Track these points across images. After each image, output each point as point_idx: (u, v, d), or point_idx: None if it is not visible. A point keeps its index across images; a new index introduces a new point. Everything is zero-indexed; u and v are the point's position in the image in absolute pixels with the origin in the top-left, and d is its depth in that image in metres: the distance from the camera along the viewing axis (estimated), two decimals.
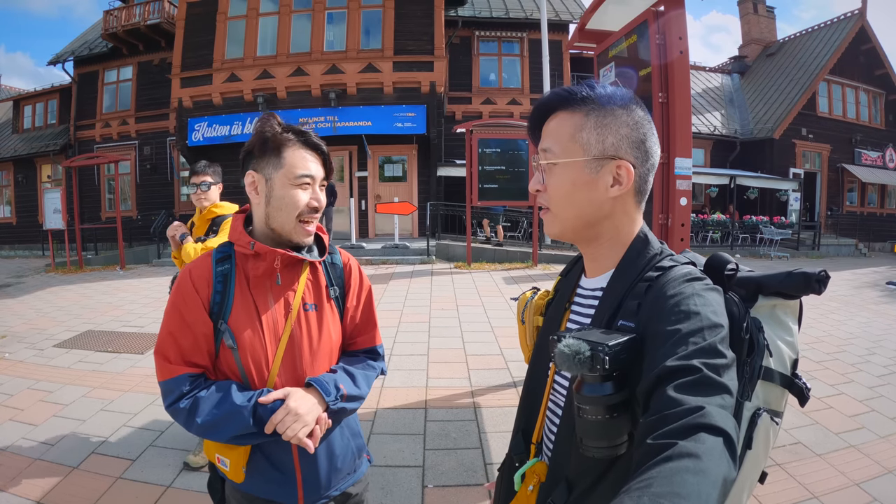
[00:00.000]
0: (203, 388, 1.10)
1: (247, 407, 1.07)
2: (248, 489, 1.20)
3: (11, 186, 18.52)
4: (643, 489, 0.51)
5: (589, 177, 0.82)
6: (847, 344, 5.24)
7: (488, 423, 3.29)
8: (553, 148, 0.84)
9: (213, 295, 1.15)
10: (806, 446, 3.01)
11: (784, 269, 0.85)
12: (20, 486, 2.59)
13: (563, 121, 0.85)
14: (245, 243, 1.16)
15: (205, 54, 13.45)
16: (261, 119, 1.18)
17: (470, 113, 14.58)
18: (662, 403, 0.61)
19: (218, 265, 1.17)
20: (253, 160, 1.19)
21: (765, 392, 0.79)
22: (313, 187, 1.18)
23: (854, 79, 18.02)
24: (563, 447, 0.83)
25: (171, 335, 1.13)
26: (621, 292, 0.81)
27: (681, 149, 2.70)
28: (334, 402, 1.16)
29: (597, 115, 0.82)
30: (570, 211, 0.85)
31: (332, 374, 1.22)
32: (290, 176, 1.15)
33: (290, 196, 1.15)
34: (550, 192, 0.86)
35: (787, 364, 0.82)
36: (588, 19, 3.59)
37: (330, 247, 1.31)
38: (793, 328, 0.85)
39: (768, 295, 0.83)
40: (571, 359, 0.67)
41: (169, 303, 1.17)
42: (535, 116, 0.90)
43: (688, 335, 0.67)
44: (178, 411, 1.09)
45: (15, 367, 4.53)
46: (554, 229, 0.89)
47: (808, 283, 0.80)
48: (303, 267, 1.24)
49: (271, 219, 1.17)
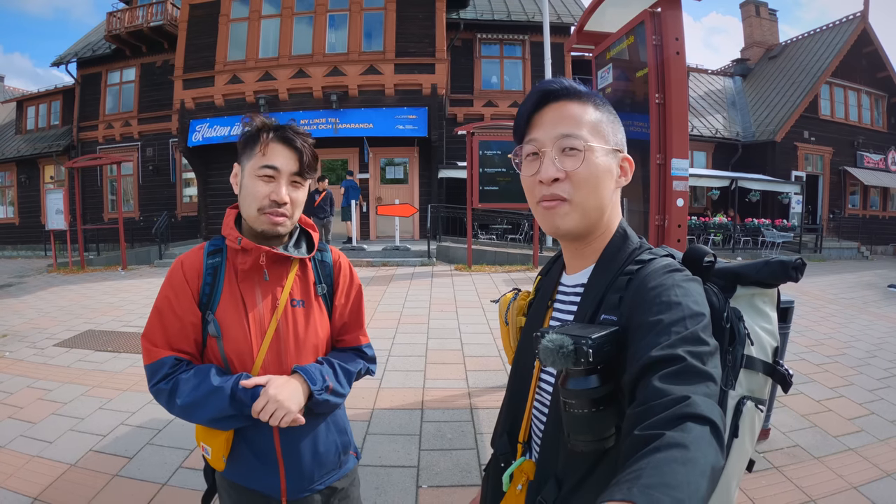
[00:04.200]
0: (184, 371, 1.13)
1: (224, 388, 1.09)
2: (233, 477, 1.22)
3: (14, 187, 18.62)
4: (632, 480, 0.50)
5: (611, 166, 0.84)
6: (848, 347, 5.22)
7: (484, 424, 3.29)
8: (583, 134, 0.81)
9: (203, 286, 1.17)
10: (804, 449, 3.00)
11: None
12: (18, 483, 2.60)
13: (580, 110, 0.83)
14: (233, 238, 1.18)
15: (207, 56, 13.51)
16: (245, 117, 1.21)
17: (471, 115, 14.60)
18: (648, 394, 0.61)
19: (209, 258, 1.20)
20: (239, 155, 1.22)
21: (748, 380, 0.79)
22: (278, 181, 1.16)
23: (856, 81, 18.00)
24: (550, 444, 0.83)
25: (158, 321, 1.15)
26: (603, 287, 0.82)
27: (677, 150, 2.69)
28: (319, 393, 1.17)
29: (605, 109, 0.86)
30: (595, 200, 0.83)
31: (319, 365, 1.23)
32: (255, 167, 1.16)
33: (252, 186, 1.16)
34: (578, 180, 0.81)
35: (768, 352, 0.83)
36: (586, 21, 3.60)
37: (320, 244, 1.32)
38: (772, 316, 0.86)
39: (746, 284, 0.84)
40: (555, 353, 0.67)
41: (160, 292, 1.19)
42: (535, 102, 0.87)
43: (670, 325, 0.67)
44: (160, 391, 1.11)
45: (15, 366, 4.54)
46: (570, 221, 0.82)
47: (784, 271, 0.81)
48: (291, 263, 1.25)
49: (242, 209, 1.21)
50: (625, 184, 0.87)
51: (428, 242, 11.10)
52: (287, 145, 1.17)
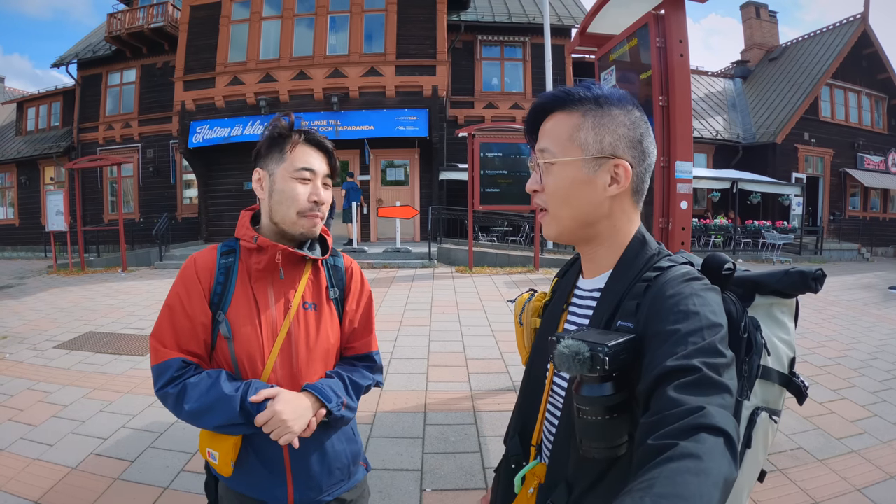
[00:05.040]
0: (193, 375, 1.11)
1: (235, 397, 1.08)
2: (238, 487, 1.20)
3: (14, 188, 18.62)
4: (645, 490, 0.50)
5: (587, 176, 0.83)
6: (849, 349, 5.21)
7: (487, 427, 3.28)
8: (550, 147, 0.85)
9: (215, 285, 1.17)
10: (807, 451, 3.00)
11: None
12: (19, 486, 2.59)
13: (561, 121, 0.85)
14: (249, 237, 1.18)
15: (208, 58, 13.52)
16: (271, 121, 1.21)
17: (472, 117, 14.62)
18: (663, 404, 0.61)
19: (222, 257, 1.19)
20: (260, 159, 1.22)
21: (763, 391, 0.79)
22: (315, 182, 1.19)
23: (856, 83, 18.02)
24: (562, 448, 0.83)
25: (168, 321, 1.14)
26: (620, 292, 0.81)
27: (681, 152, 2.69)
28: (337, 409, 1.17)
29: (594, 114, 0.83)
30: (568, 210, 0.85)
31: (329, 379, 1.23)
32: (291, 169, 1.17)
33: (290, 189, 1.17)
34: (548, 192, 0.86)
35: (784, 363, 0.82)
36: (589, 23, 3.60)
37: (333, 249, 1.32)
38: (789, 327, 0.85)
39: (765, 294, 0.83)
40: (571, 359, 0.67)
41: (171, 290, 1.18)
42: (532, 117, 0.90)
43: (687, 335, 0.67)
44: (167, 396, 1.10)
45: (15, 368, 4.53)
46: (551, 230, 0.88)
47: (804, 282, 0.80)
48: (305, 266, 1.25)
49: (274, 212, 1.19)
50: (620, 190, 0.83)
51: (429, 244, 11.09)
52: (317, 147, 1.20)
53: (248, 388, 1.10)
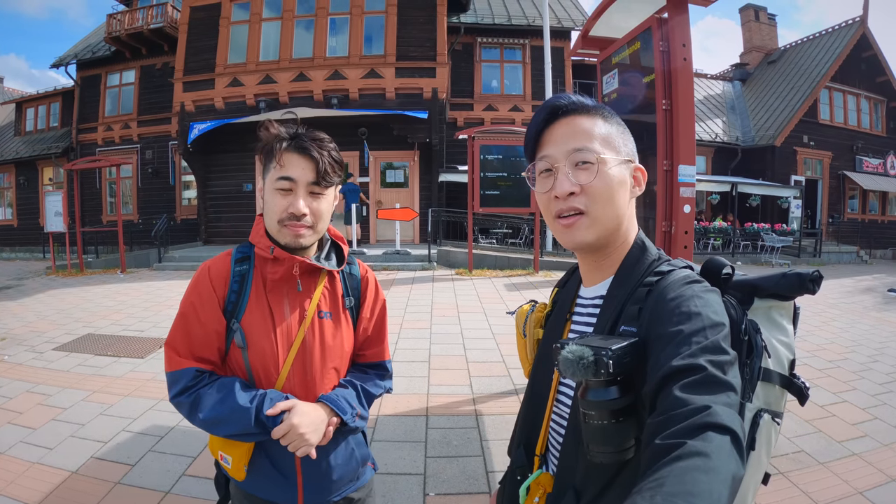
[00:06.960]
0: (207, 385, 1.11)
1: (250, 409, 1.08)
2: (250, 489, 1.21)
3: (13, 189, 18.56)
4: (655, 489, 0.51)
5: (624, 177, 0.85)
6: (849, 351, 5.21)
7: (490, 430, 3.28)
8: (596, 147, 0.83)
9: (229, 294, 1.16)
10: (809, 454, 3.00)
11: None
12: (18, 490, 2.57)
13: (589, 123, 0.85)
14: (265, 247, 1.17)
15: (207, 59, 13.51)
16: (264, 123, 1.17)
17: (472, 119, 14.63)
18: (669, 403, 0.62)
19: (237, 265, 1.18)
20: (261, 168, 1.21)
21: (765, 393, 0.80)
22: (295, 192, 1.13)
23: (855, 86, 18.08)
24: (569, 456, 0.83)
25: (183, 328, 1.14)
26: (622, 298, 0.82)
27: (684, 156, 2.69)
28: (352, 420, 1.18)
29: (614, 121, 0.87)
30: (612, 211, 0.83)
31: (343, 388, 1.23)
32: (273, 179, 1.14)
33: (270, 200, 1.16)
34: (592, 192, 0.81)
35: (784, 364, 0.83)
36: (591, 26, 3.60)
37: (349, 258, 1.31)
38: (788, 329, 0.87)
39: (764, 297, 0.85)
40: (575, 364, 0.68)
41: (185, 297, 1.18)
42: (545, 118, 0.87)
43: (691, 335, 0.68)
44: (182, 404, 1.11)
45: (14, 370, 4.51)
46: (590, 234, 0.83)
47: (802, 284, 0.82)
48: (321, 275, 1.24)
49: (265, 222, 1.20)
50: (639, 193, 0.87)
51: (429, 247, 11.08)
52: (302, 154, 1.13)
53: (264, 398, 1.10)
